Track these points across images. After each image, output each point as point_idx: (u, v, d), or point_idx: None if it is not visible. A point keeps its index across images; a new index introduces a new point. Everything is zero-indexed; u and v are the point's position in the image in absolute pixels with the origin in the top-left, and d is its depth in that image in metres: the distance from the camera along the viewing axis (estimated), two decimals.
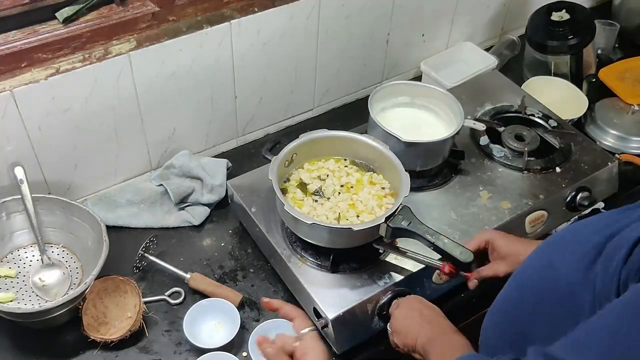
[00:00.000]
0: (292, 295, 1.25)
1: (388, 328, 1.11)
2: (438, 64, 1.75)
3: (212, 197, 1.41)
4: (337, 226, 1.15)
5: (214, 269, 1.32)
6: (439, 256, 1.13)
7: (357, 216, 1.20)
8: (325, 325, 1.13)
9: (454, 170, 1.40)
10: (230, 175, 1.43)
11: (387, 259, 1.21)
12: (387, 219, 1.12)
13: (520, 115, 1.56)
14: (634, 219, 0.75)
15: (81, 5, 1.20)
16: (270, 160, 1.22)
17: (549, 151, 1.47)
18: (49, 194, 1.31)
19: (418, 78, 1.78)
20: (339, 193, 1.24)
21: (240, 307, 1.24)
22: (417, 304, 1.09)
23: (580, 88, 1.76)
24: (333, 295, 1.15)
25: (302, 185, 1.25)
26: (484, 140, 1.47)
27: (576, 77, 1.81)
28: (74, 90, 1.24)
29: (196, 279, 1.27)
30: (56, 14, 1.19)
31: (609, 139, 1.63)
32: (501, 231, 1.17)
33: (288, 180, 1.27)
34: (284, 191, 1.23)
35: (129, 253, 1.33)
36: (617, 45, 1.93)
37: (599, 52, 1.86)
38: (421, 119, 1.42)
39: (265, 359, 0.98)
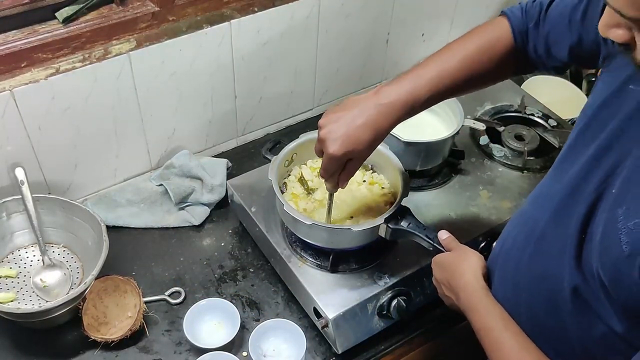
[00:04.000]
0: (292, 295, 1.26)
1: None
2: None
3: (212, 197, 1.41)
4: (336, 226, 1.15)
5: (214, 269, 1.32)
6: None
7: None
8: (326, 325, 1.14)
9: (454, 170, 1.40)
10: (230, 175, 1.43)
11: (387, 259, 1.21)
12: (387, 219, 1.12)
13: (520, 114, 1.56)
14: None
15: (81, 5, 1.20)
16: (270, 160, 1.22)
17: (549, 150, 1.48)
18: (49, 194, 1.31)
19: None
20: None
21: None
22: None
23: (580, 87, 1.77)
24: (333, 295, 1.15)
25: (303, 181, 1.25)
26: (483, 139, 1.47)
27: (576, 76, 1.81)
28: (74, 90, 1.24)
29: None
30: (56, 14, 1.19)
31: None
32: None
33: (288, 175, 1.26)
34: (284, 188, 1.24)
35: (129, 253, 1.34)
36: None
37: None
38: (421, 118, 1.41)
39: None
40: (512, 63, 1.03)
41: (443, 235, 1.08)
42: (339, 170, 1.02)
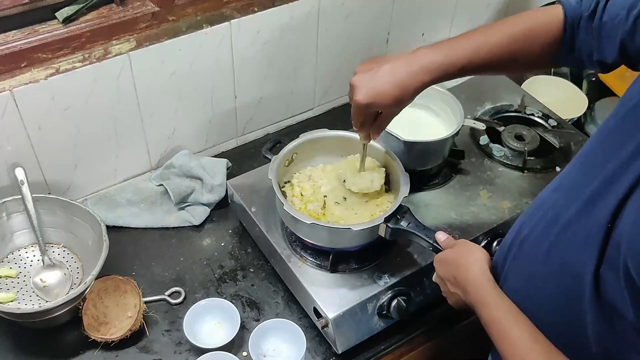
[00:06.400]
0: (292, 295, 1.26)
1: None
2: None
3: (212, 197, 1.41)
4: (336, 226, 1.15)
5: (214, 269, 1.32)
6: None
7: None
8: (325, 325, 1.14)
9: (454, 169, 1.40)
10: (230, 175, 1.43)
11: (387, 259, 1.21)
12: (386, 219, 1.12)
13: (520, 114, 1.56)
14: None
15: (81, 5, 1.20)
16: (270, 160, 1.22)
17: (549, 151, 1.48)
18: (49, 194, 1.31)
19: None
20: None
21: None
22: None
23: (580, 87, 1.76)
24: (333, 295, 1.15)
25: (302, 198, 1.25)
26: (483, 139, 1.47)
27: (576, 76, 1.81)
28: (73, 90, 1.24)
29: None
30: (56, 14, 1.19)
31: None
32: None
33: (289, 182, 1.26)
34: (284, 193, 1.24)
35: (129, 253, 1.34)
36: None
37: None
38: (421, 118, 1.42)
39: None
40: (556, 52, 1.02)
41: (441, 237, 1.08)
42: (367, 121, 1.06)
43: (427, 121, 1.42)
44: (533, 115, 1.56)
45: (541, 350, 0.84)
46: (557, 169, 1.42)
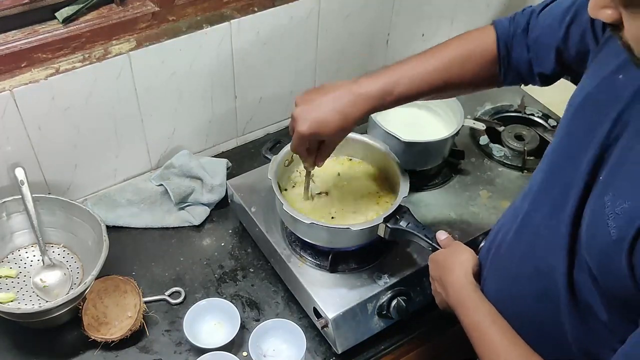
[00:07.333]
0: (292, 295, 1.26)
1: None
2: None
3: (212, 197, 1.41)
4: (335, 226, 1.15)
5: (214, 269, 1.32)
6: None
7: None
8: (325, 325, 1.14)
9: (453, 170, 1.40)
10: (230, 175, 1.43)
11: (387, 259, 1.21)
12: (386, 219, 1.12)
13: (520, 114, 1.56)
14: None
15: (81, 5, 1.20)
16: (270, 160, 1.22)
17: None
18: (49, 194, 1.31)
19: None
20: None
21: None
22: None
23: None
24: (333, 295, 1.15)
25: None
26: (483, 139, 1.47)
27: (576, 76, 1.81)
28: (73, 90, 1.24)
29: None
30: (56, 14, 1.19)
31: None
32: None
33: (289, 181, 1.27)
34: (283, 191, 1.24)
35: (129, 253, 1.34)
36: None
37: None
38: (421, 118, 1.42)
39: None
40: (493, 72, 1.04)
41: (441, 235, 1.09)
42: (311, 149, 1.07)
43: (427, 121, 1.42)
44: (533, 115, 1.56)
45: (519, 353, 0.85)
46: None
